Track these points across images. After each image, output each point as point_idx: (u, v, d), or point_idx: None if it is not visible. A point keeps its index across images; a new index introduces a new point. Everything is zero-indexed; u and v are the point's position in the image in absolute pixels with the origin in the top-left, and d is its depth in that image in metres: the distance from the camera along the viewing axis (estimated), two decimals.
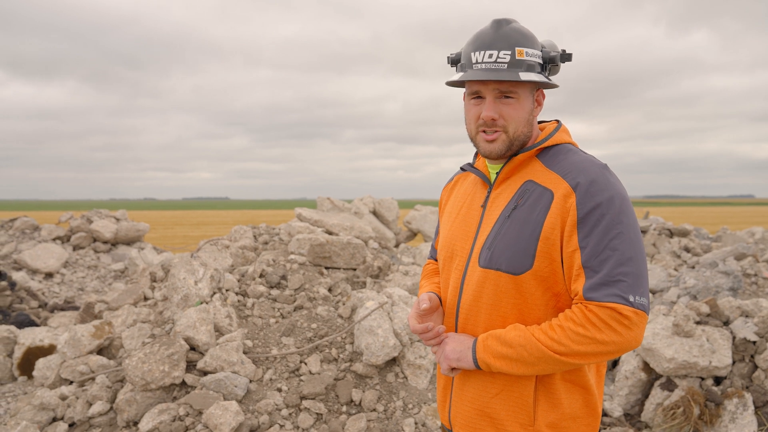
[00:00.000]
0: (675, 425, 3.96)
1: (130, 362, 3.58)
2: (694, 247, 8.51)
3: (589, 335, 1.45)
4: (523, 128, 1.63)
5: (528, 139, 1.66)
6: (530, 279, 1.55)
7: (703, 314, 4.56)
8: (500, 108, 1.61)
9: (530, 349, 1.50)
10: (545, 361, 1.49)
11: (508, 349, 1.52)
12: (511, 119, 1.61)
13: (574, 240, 1.50)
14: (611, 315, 1.44)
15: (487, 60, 1.60)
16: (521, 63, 1.58)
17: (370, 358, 3.82)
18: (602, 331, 1.44)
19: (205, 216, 67.58)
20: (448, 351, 1.62)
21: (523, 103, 1.62)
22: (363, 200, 9.29)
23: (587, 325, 1.45)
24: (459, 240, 1.72)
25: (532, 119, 1.66)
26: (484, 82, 1.62)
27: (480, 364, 1.57)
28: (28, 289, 8.13)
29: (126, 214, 12.34)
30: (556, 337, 1.48)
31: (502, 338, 1.54)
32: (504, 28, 1.61)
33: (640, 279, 1.47)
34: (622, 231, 1.48)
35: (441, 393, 1.79)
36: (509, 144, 1.63)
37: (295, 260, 4.78)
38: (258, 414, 3.52)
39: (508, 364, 1.53)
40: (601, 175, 1.53)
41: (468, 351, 1.59)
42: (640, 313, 1.45)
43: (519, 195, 1.61)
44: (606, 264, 1.46)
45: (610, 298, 1.44)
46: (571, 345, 1.46)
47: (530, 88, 1.64)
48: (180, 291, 4.22)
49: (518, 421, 1.60)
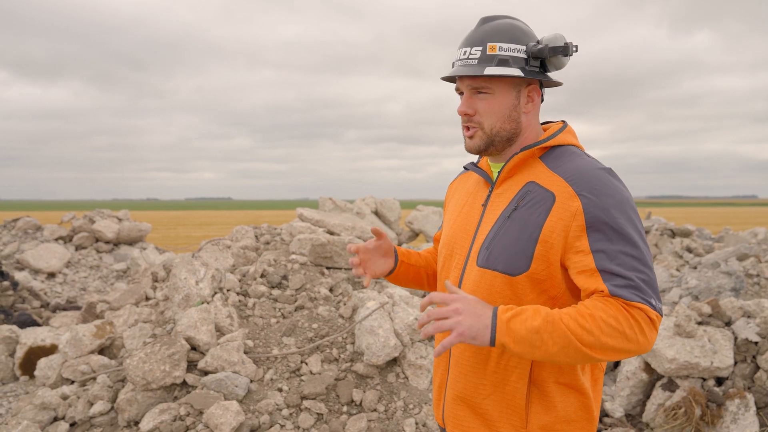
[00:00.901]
0: (676, 426, 3.95)
1: (131, 362, 3.59)
2: (696, 248, 8.50)
3: (620, 329, 1.38)
4: (503, 124, 1.61)
5: (514, 135, 1.63)
6: (526, 281, 1.54)
7: (705, 315, 4.55)
8: (475, 103, 1.62)
9: (556, 336, 1.38)
10: (567, 349, 1.39)
11: (533, 335, 1.38)
12: (486, 114, 1.61)
13: (584, 244, 1.47)
14: (641, 315, 1.40)
15: (462, 57, 1.62)
16: (492, 58, 1.58)
17: (370, 358, 3.82)
18: (632, 328, 1.39)
19: (207, 216, 67.67)
20: (465, 327, 1.38)
21: (500, 99, 1.60)
22: (365, 200, 9.30)
23: (620, 319, 1.38)
24: (459, 239, 1.72)
25: (518, 115, 1.62)
26: (461, 79, 1.64)
27: (497, 345, 1.41)
28: (31, 289, 8.14)
29: (128, 214, 12.36)
30: (587, 327, 1.38)
31: (529, 324, 1.39)
32: (485, 25, 1.62)
33: (655, 284, 1.47)
34: (633, 236, 1.46)
35: (435, 392, 1.79)
36: (488, 140, 1.62)
37: (297, 260, 4.79)
38: (259, 414, 3.52)
39: (527, 350, 1.40)
40: (606, 179, 1.51)
41: (486, 330, 1.40)
42: (659, 318, 1.44)
43: (520, 196, 1.59)
44: (623, 268, 1.43)
45: (638, 299, 1.41)
46: (601, 336, 1.37)
47: (512, 83, 1.60)
48: (181, 291, 4.23)
49: (510, 422, 1.58)
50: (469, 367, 1.64)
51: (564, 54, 1.60)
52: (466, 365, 1.64)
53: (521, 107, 1.63)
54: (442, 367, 1.75)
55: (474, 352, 1.63)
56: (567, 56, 1.61)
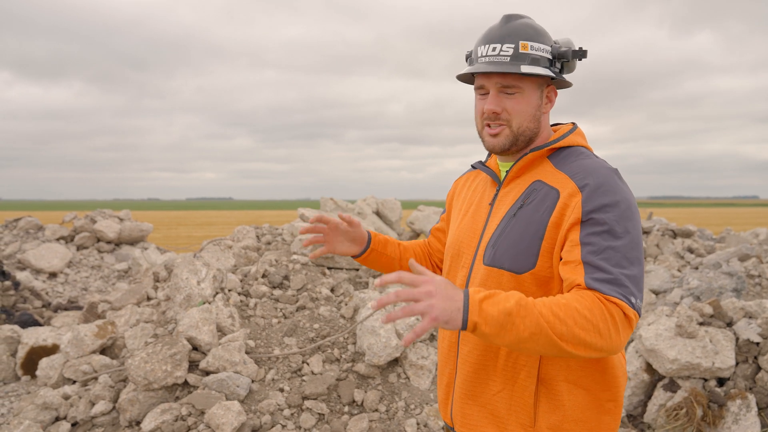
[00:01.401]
0: (678, 426, 3.95)
1: (132, 362, 3.59)
2: (697, 248, 8.48)
3: (594, 322, 1.33)
4: (529, 123, 1.61)
5: (535, 135, 1.64)
6: (532, 279, 1.54)
7: (707, 315, 4.55)
8: (504, 101, 1.60)
9: (528, 321, 1.32)
10: (538, 336, 1.32)
11: (505, 317, 1.32)
12: (515, 113, 1.60)
13: (575, 236, 1.46)
14: (616, 310, 1.36)
15: (490, 53, 1.59)
16: (525, 56, 1.57)
17: (372, 359, 3.82)
18: (606, 322, 1.34)
19: (208, 216, 67.70)
20: (439, 312, 1.30)
21: (528, 98, 1.60)
22: (366, 201, 9.30)
23: (595, 311, 1.33)
24: (466, 237, 1.72)
25: (540, 115, 1.63)
26: (487, 76, 1.61)
27: (468, 326, 1.33)
28: (32, 289, 8.15)
29: (129, 214, 12.36)
30: (561, 316, 1.32)
31: (502, 306, 1.33)
32: (512, 23, 1.60)
33: (640, 282, 1.45)
34: (625, 234, 1.45)
35: (443, 391, 1.78)
36: (513, 138, 1.62)
37: (298, 260, 4.79)
38: (260, 414, 3.52)
39: (497, 331, 1.33)
40: (611, 179, 1.50)
41: (459, 313, 1.32)
42: (637, 317, 1.41)
43: (526, 194, 1.60)
44: (608, 263, 1.42)
45: (615, 294, 1.38)
46: (574, 327, 1.32)
47: (537, 82, 1.61)
48: (183, 291, 4.23)
49: (519, 421, 1.58)
50: (478, 365, 1.64)
51: (581, 57, 1.63)
52: (475, 363, 1.64)
53: (542, 107, 1.64)
54: (449, 366, 1.75)
55: (483, 350, 1.63)
56: (581, 60, 1.64)
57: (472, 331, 1.34)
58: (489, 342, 1.37)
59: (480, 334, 1.34)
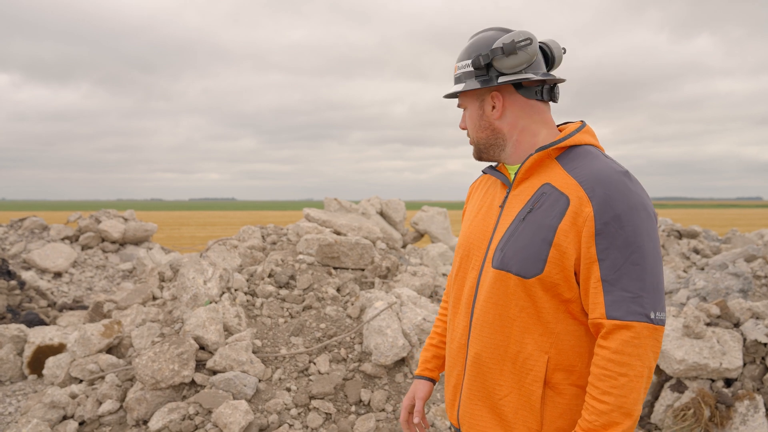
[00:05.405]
0: (685, 427, 3.94)
1: (140, 361, 3.59)
2: (703, 249, 8.46)
3: (624, 361, 1.43)
4: (479, 133, 1.72)
5: (496, 141, 1.71)
6: (539, 283, 1.53)
7: (714, 316, 4.54)
8: (464, 119, 1.78)
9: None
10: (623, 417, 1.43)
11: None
12: (469, 127, 1.76)
13: (592, 251, 1.47)
14: (641, 332, 1.44)
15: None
16: (458, 78, 1.72)
17: (379, 359, 3.82)
18: (640, 357, 1.44)
19: (211, 216, 67.78)
20: None
21: (471, 112, 1.73)
22: (370, 201, 9.29)
23: (625, 355, 1.43)
24: (476, 240, 1.72)
25: (489, 123, 1.70)
26: None
27: None
28: (37, 289, 8.17)
29: (134, 214, 12.38)
30: (604, 409, 1.44)
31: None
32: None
33: (661, 292, 1.47)
34: (642, 244, 1.46)
35: (450, 392, 1.78)
36: (477, 150, 1.76)
37: (304, 260, 4.79)
38: (267, 413, 3.52)
39: None
40: (621, 183, 1.49)
41: None
42: (659, 328, 1.45)
43: (536, 198, 1.59)
44: (628, 278, 1.45)
45: (634, 318, 1.44)
46: (620, 399, 1.43)
47: (474, 95, 1.71)
48: (189, 290, 4.24)
49: (526, 424, 1.57)
50: (487, 367, 1.63)
51: (506, 53, 1.59)
52: (484, 365, 1.64)
53: (487, 115, 1.69)
54: (457, 368, 1.74)
55: (491, 353, 1.62)
56: (512, 55, 1.59)
57: None
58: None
59: None
